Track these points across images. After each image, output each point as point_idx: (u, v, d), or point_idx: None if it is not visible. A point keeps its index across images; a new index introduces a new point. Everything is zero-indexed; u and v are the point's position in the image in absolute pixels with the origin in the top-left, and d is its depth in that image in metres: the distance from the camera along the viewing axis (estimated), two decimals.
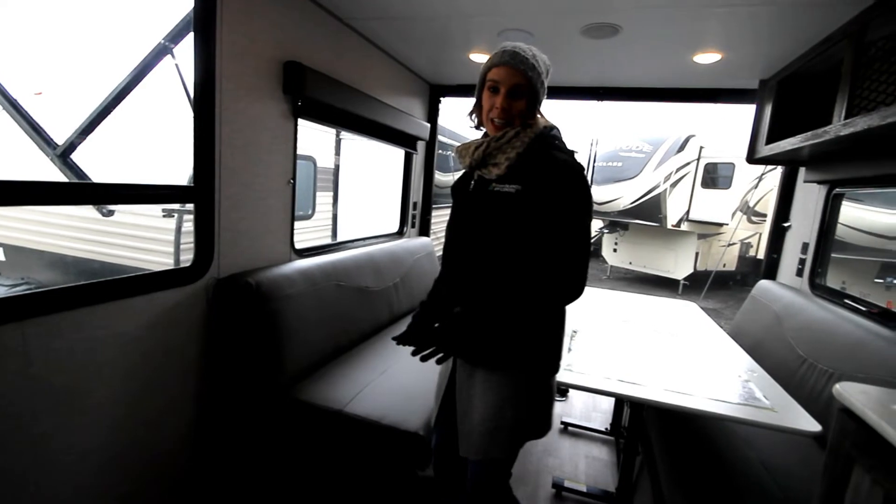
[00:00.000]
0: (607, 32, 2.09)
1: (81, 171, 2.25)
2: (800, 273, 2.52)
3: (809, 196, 2.55)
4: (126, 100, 2.07)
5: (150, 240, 2.89)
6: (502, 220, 1.12)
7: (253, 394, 1.76)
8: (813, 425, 1.30)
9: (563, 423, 2.67)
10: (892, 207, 3.05)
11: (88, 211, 3.06)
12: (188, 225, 3.00)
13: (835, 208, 2.36)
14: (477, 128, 1.26)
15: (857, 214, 2.86)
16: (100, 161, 2.44)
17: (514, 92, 1.13)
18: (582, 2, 1.85)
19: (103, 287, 1.38)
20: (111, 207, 2.66)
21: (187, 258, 1.72)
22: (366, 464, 1.68)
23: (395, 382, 1.89)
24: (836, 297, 2.16)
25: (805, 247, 2.51)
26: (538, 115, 1.20)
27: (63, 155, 2.27)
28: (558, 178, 1.08)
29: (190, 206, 1.69)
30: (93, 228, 3.13)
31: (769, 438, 1.64)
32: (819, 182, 2.39)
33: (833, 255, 2.44)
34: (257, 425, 1.78)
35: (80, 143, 2.21)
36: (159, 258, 2.86)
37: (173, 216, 2.88)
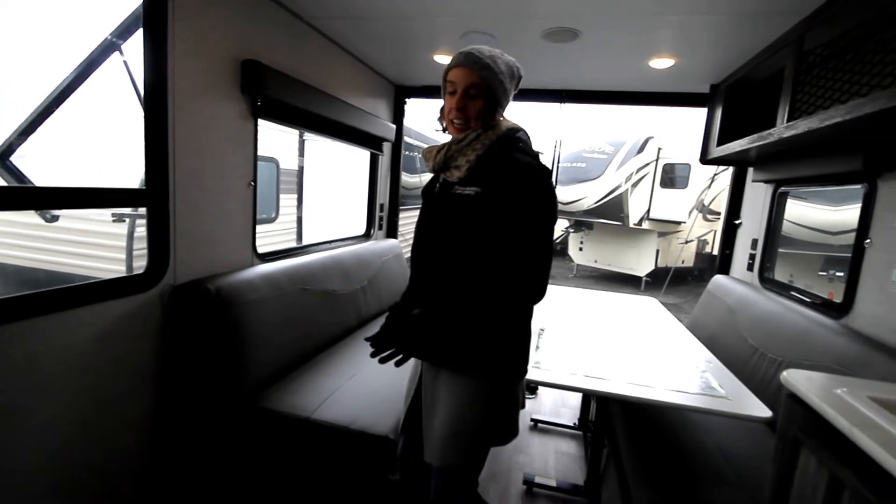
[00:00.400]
0: (567, 37, 2.14)
1: (22, 174, 2.10)
2: (750, 268, 2.66)
3: (757, 195, 2.69)
4: (70, 99, 1.95)
5: (99, 246, 2.73)
6: (462, 222, 1.11)
7: (214, 405, 1.69)
8: (764, 411, 1.37)
9: (532, 419, 2.71)
10: (832, 204, 3.26)
11: (30, 217, 2.86)
12: (141, 230, 2.86)
13: (780, 206, 2.50)
14: (444, 131, 1.26)
15: (802, 212, 3.05)
16: (43, 163, 2.29)
17: (470, 92, 1.13)
18: (541, 6, 1.88)
19: (46, 297, 1.30)
20: (55, 212, 2.50)
21: (141, 265, 1.64)
22: (335, 470, 1.65)
23: (364, 387, 1.86)
24: (784, 289, 2.29)
25: (754, 243, 2.65)
26: (501, 118, 1.20)
27: (1, 157, 2.12)
28: (518, 180, 1.07)
29: (143, 211, 1.62)
30: (36, 235, 2.93)
31: (725, 425, 1.72)
32: (765, 181, 2.53)
33: (782, 250, 2.58)
34: (220, 437, 1.71)
35: (20, 145, 2.07)
36: (110, 265, 2.71)
37: (125, 221, 2.74)
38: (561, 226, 10.64)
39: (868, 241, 1.71)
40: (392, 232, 3.73)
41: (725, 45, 2.14)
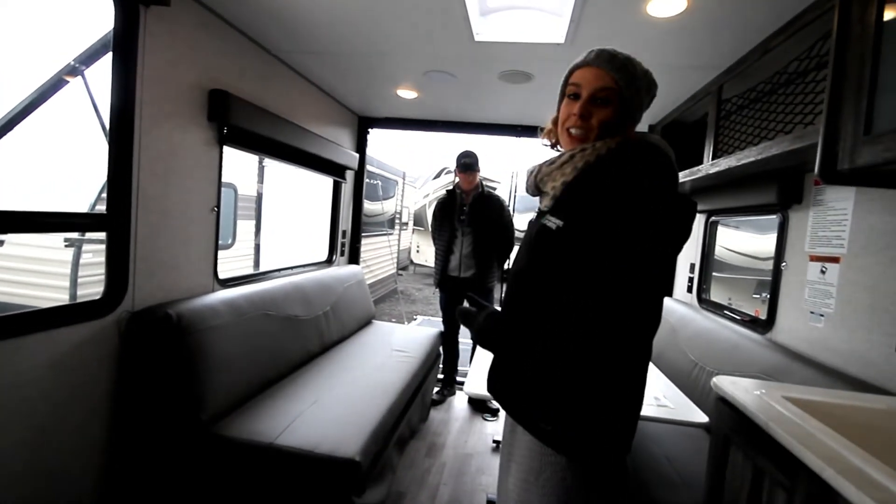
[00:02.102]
0: (521, 79, 2.34)
1: None
2: (690, 290, 2.90)
3: (693, 223, 2.97)
4: (24, 122, 1.90)
5: (48, 274, 2.57)
6: (538, 256, 0.93)
7: (173, 434, 1.63)
8: (702, 417, 1.51)
9: (494, 441, 2.76)
10: (762, 233, 3.62)
11: None
12: (87, 256, 2.74)
13: (712, 234, 2.77)
14: (552, 146, 1.08)
15: (739, 241, 3.36)
16: None
17: (597, 97, 0.94)
18: (496, 52, 2.06)
19: None
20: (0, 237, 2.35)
21: (87, 293, 1.59)
22: (300, 496, 1.62)
23: (328, 411, 1.86)
24: (718, 308, 2.52)
25: (692, 267, 2.90)
26: (629, 132, 0.98)
27: None
28: (605, 210, 0.84)
29: (92, 236, 1.59)
30: None
31: (671, 434, 1.85)
32: (699, 212, 2.79)
33: (725, 275, 2.84)
34: (179, 468, 1.65)
35: None
36: (60, 294, 2.54)
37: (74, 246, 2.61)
38: None
39: (784, 264, 1.94)
40: (354, 258, 3.76)
41: (659, 91, 2.40)
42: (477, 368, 1.94)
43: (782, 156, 1.56)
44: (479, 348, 2.17)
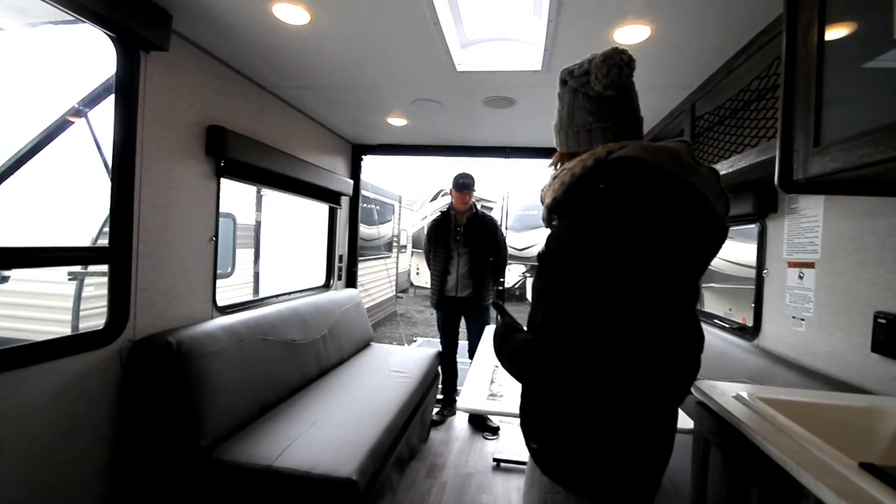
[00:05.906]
0: (504, 104, 2.45)
1: None
2: None
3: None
4: (30, 163, 2.00)
5: (53, 309, 2.62)
6: (542, 264, 0.94)
7: (173, 460, 1.66)
8: (689, 423, 1.53)
9: (495, 459, 2.76)
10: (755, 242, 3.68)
11: None
12: (90, 290, 2.80)
13: None
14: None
15: (737, 251, 3.40)
16: None
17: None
18: (479, 80, 2.17)
19: (3, 355, 1.30)
20: (5, 273, 2.42)
21: (88, 325, 1.65)
22: None
23: (326, 433, 1.89)
24: (709, 317, 2.56)
25: None
26: (605, 145, 0.96)
27: None
28: (577, 213, 0.89)
29: (94, 269, 1.65)
30: None
31: None
32: None
33: (723, 285, 2.88)
34: (179, 494, 1.67)
35: None
36: (63, 328, 2.59)
37: (77, 279, 2.68)
38: (518, 271, 11.04)
39: (766, 271, 2.00)
40: (351, 282, 3.82)
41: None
42: (471, 384, 1.98)
43: (751, 168, 1.63)
44: (474, 365, 2.21)
